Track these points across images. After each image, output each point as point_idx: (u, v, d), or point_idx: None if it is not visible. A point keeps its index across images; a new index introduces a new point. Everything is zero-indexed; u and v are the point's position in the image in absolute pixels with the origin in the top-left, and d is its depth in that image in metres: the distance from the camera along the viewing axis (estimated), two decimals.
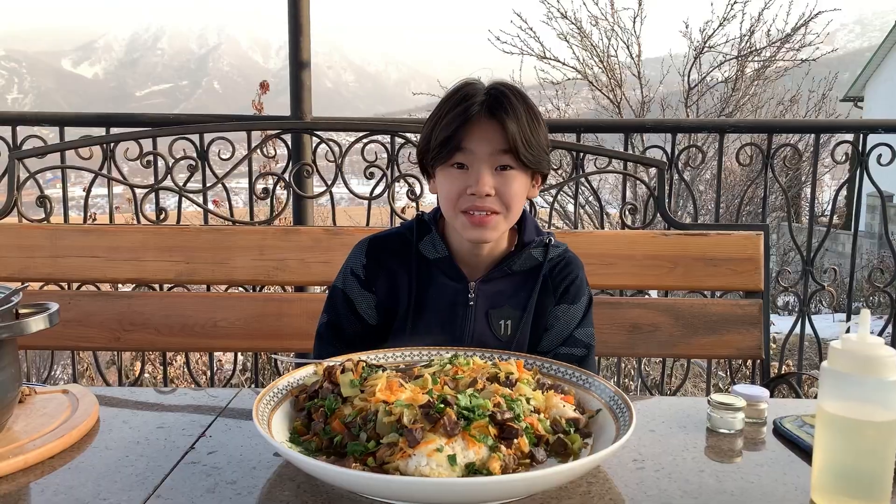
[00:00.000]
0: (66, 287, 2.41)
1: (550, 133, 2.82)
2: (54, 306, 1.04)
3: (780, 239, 9.57)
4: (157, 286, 2.41)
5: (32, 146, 2.54)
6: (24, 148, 2.54)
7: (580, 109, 8.92)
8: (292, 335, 2.18)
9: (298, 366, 1.19)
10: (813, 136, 2.59)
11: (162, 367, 3.92)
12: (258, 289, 2.41)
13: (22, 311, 1.06)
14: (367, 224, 2.64)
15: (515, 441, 0.95)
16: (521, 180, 1.38)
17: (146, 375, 3.68)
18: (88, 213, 2.62)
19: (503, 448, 0.94)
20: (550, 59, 8.21)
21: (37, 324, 1.00)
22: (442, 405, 0.95)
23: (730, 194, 7.68)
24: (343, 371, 1.08)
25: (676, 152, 2.46)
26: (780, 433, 1.12)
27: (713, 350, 2.16)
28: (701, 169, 6.87)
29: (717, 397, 1.14)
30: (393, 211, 2.50)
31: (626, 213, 2.29)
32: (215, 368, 2.90)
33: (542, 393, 1.09)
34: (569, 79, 8.39)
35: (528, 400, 1.05)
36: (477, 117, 1.34)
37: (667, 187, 2.18)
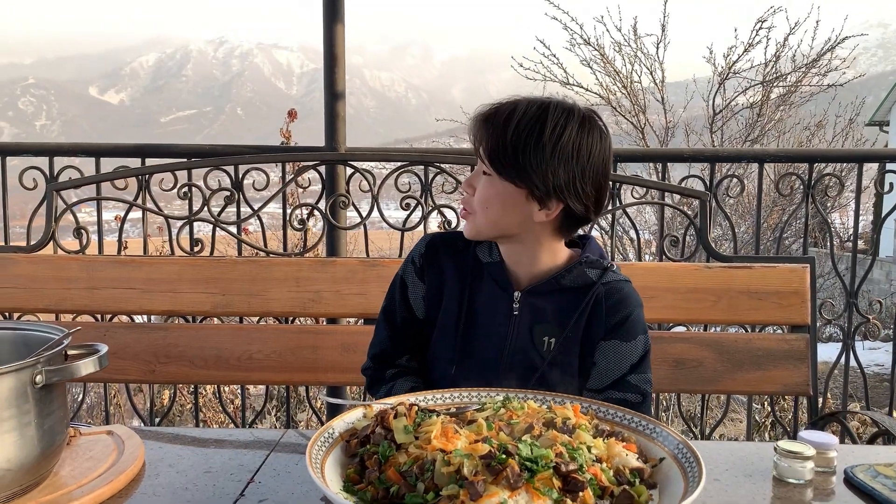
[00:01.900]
0: (100, 318, 2.40)
1: None
2: (103, 348, 1.02)
3: (819, 268, 9.43)
4: (191, 318, 2.39)
5: (69, 176, 2.56)
6: (60, 178, 2.56)
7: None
8: (327, 368, 2.15)
9: (330, 404, 1.16)
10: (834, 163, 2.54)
11: (192, 396, 3.92)
12: (290, 320, 2.38)
13: (71, 352, 1.04)
14: (400, 255, 2.62)
15: (580, 494, 0.91)
16: (492, 189, 1.37)
17: (176, 404, 3.67)
18: (112, 236, 2.61)
19: (568, 501, 0.90)
20: (573, 85, 8.22)
21: (86, 367, 0.98)
22: (504, 455, 0.91)
23: (755, 221, 7.58)
24: (396, 416, 1.05)
25: (714, 182, 2.43)
26: (853, 484, 1.07)
27: (759, 386, 2.10)
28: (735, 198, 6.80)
29: (784, 445, 1.09)
30: None
31: (669, 244, 2.25)
32: (245, 396, 2.87)
33: (603, 440, 1.04)
34: (592, 105, 8.38)
35: (589, 448, 1.01)
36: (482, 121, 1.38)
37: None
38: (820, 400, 2.82)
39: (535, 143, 1.32)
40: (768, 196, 6.62)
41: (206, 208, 2.38)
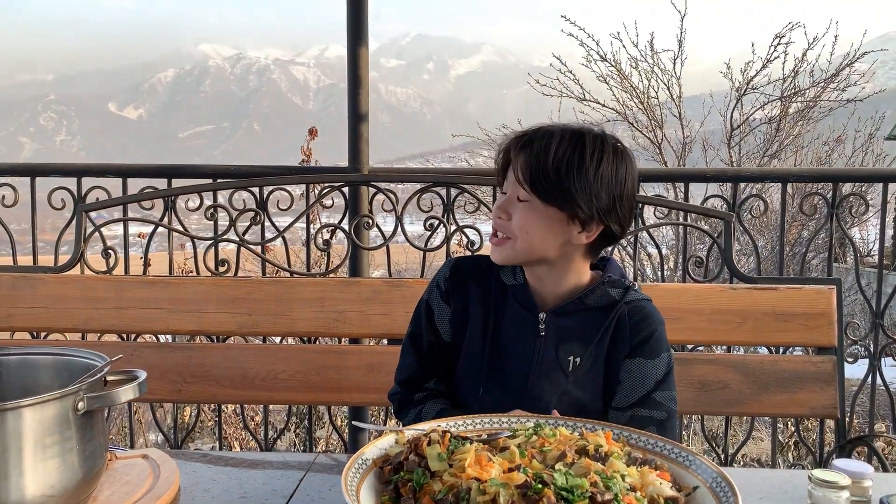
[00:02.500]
0: (126, 338, 2.42)
1: None
2: (142, 374, 1.04)
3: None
4: (216, 337, 2.41)
5: (96, 196, 2.60)
6: (87, 198, 2.60)
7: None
8: (351, 388, 2.16)
9: (352, 424, 1.16)
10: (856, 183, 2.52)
11: (214, 413, 3.93)
12: (313, 340, 2.39)
13: (109, 377, 1.06)
14: (422, 275, 2.63)
15: None
16: (532, 213, 1.38)
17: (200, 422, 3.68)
18: (133, 250, 2.63)
19: None
20: (590, 101, 8.22)
21: (126, 394, 1.00)
22: (540, 485, 0.92)
23: (776, 240, 7.53)
24: (429, 443, 1.06)
25: (737, 201, 2.42)
26: None
27: (785, 408, 2.09)
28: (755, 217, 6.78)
29: (819, 474, 1.09)
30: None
31: (693, 265, 2.25)
32: (267, 413, 2.88)
33: (636, 468, 1.05)
34: (608, 120, 8.39)
35: (623, 477, 1.01)
36: (521, 146, 1.39)
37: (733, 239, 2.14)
38: (849, 421, 2.80)
39: (577, 167, 1.35)
40: (788, 212, 6.59)
41: (232, 229, 2.40)
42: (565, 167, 1.35)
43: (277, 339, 2.55)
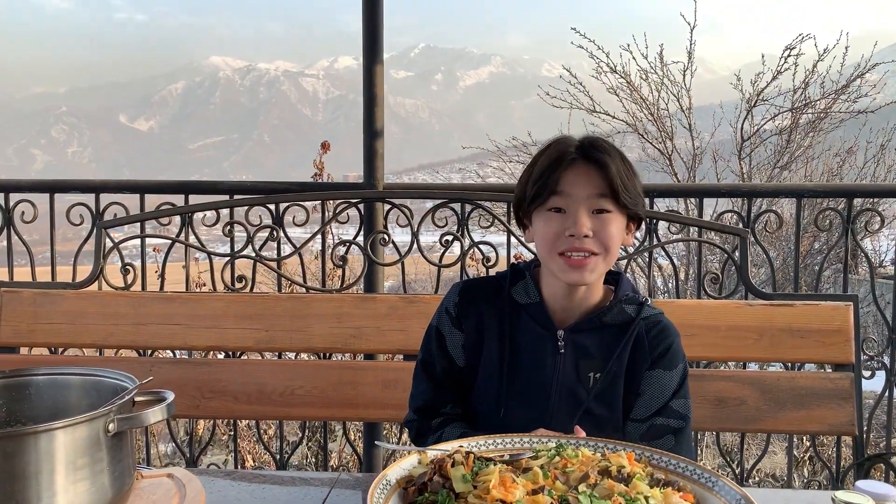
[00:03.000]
0: (143, 353, 2.44)
1: None
2: (169, 395, 1.05)
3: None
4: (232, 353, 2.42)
5: (114, 213, 2.62)
6: (105, 214, 2.63)
7: (629, 157, 8.90)
8: (367, 404, 2.17)
9: (367, 440, 1.17)
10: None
11: (228, 427, 3.95)
12: (327, 356, 2.40)
13: (137, 398, 1.07)
14: (437, 290, 2.64)
15: None
16: (618, 223, 1.41)
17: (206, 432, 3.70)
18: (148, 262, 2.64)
19: None
20: (600, 112, 8.23)
21: (155, 415, 1.01)
22: None
23: (786, 251, 7.50)
24: (453, 464, 1.07)
25: (752, 216, 2.42)
26: None
27: (802, 425, 2.08)
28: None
29: (842, 496, 1.09)
30: (465, 275, 2.50)
31: (709, 282, 2.25)
32: (283, 427, 2.89)
33: (659, 490, 1.05)
34: (619, 132, 8.41)
35: (647, 499, 1.01)
36: (572, 159, 1.40)
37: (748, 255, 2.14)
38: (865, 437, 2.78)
39: (633, 169, 1.43)
40: (809, 231, 6.57)
41: (249, 245, 2.42)
42: (632, 173, 1.42)
43: (292, 355, 2.57)
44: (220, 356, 2.44)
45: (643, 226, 2.42)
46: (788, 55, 7.83)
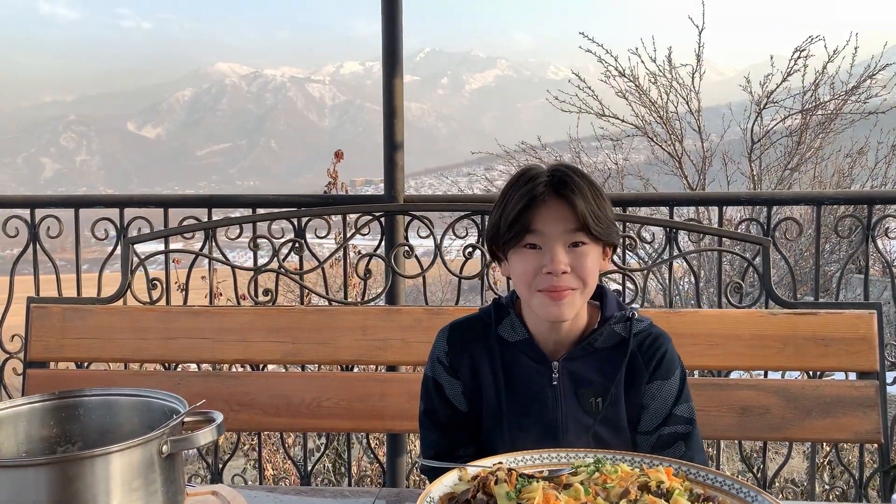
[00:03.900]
0: (168, 366, 2.46)
1: (641, 207, 2.84)
2: (218, 416, 1.08)
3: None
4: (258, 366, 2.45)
5: (138, 227, 2.66)
6: (130, 228, 2.66)
7: (638, 161, 8.91)
8: (394, 416, 2.19)
9: (389, 451, 1.19)
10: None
11: (250, 437, 3.97)
12: (349, 368, 2.42)
13: (186, 419, 1.10)
14: (457, 302, 2.66)
15: None
16: (594, 254, 1.42)
17: (227, 442, 3.73)
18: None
19: None
20: (609, 116, 8.24)
21: (205, 436, 1.04)
22: None
23: (799, 257, 7.49)
24: (497, 482, 1.09)
25: (771, 224, 2.43)
26: None
27: (827, 434, 2.09)
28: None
29: None
30: (491, 289, 2.52)
31: (731, 291, 2.26)
32: (307, 438, 2.91)
33: None
34: (628, 135, 8.41)
35: None
36: (544, 198, 1.39)
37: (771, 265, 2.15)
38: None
39: (603, 197, 1.43)
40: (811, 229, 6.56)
41: (275, 259, 2.44)
42: (602, 202, 1.42)
43: (315, 368, 2.59)
44: (245, 369, 2.48)
45: (664, 235, 2.46)
46: (798, 56, 7.83)
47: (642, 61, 8.27)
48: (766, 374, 2.43)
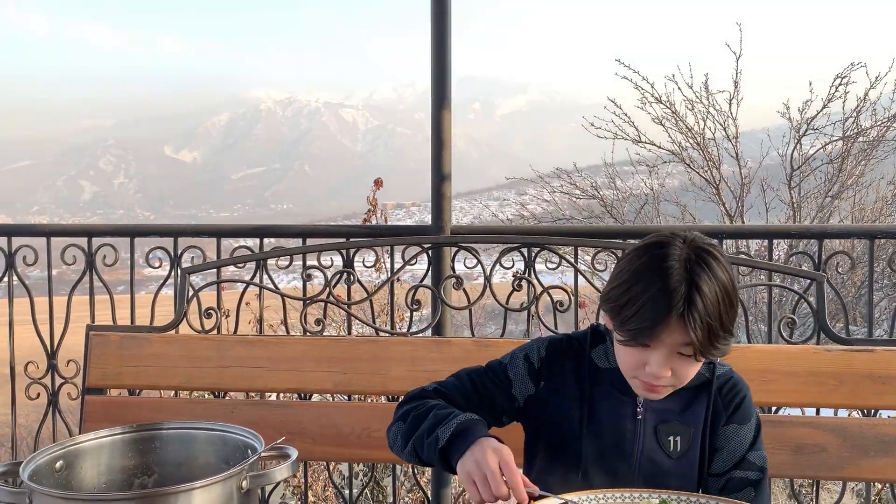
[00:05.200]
0: (217, 394, 2.50)
1: None
2: (293, 452, 1.10)
3: None
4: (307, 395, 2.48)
5: (191, 255, 2.73)
6: (183, 257, 2.74)
7: (672, 186, 8.85)
8: None
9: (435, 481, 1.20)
10: None
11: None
12: (396, 398, 2.43)
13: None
14: (503, 334, 2.67)
15: None
16: (699, 363, 1.40)
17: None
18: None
19: None
20: (646, 142, 8.22)
21: (282, 472, 1.06)
22: None
23: (841, 287, 7.35)
24: None
25: (823, 257, 2.41)
26: None
27: (885, 474, 2.06)
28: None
29: None
30: (541, 321, 2.53)
31: (783, 326, 2.24)
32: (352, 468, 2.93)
33: None
34: (665, 161, 8.37)
35: None
36: (668, 320, 1.31)
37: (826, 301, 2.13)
38: None
39: (732, 308, 1.35)
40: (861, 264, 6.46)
41: (326, 290, 2.48)
42: (730, 318, 1.35)
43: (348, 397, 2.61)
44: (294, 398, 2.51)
45: None
46: (839, 84, 7.75)
47: (678, 88, 8.26)
48: (817, 412, 2.40)
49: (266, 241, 2.75)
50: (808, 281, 2.23)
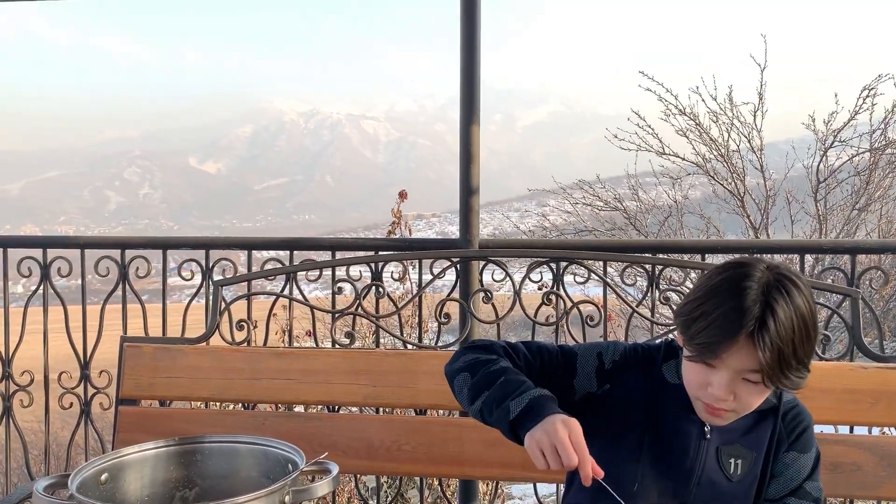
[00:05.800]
0: (247, 406, 2.52)
1: (718, 253, 2.75)
2: (334, 468, 1.11)
3: None
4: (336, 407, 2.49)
5: (223, 268, 2.76)
6: (214, 269, 2.77)
7: (695, 197, 8.79)
8: (473, 462, 2.19)
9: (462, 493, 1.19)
10: None
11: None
12: (423, 412, 2.43)
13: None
14: None
15: None
16: (765, 392, 1.36)
17: None
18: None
19: None
20: (669, 154, 8.17)
21: (323, 488, 1.08)
22: None
23: (873, 304, 7.24)
24: None
25: (856, 273, 2.38)
26: None
27: None
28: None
29: None
30: (570, 335, 2.52)
31: (818, 343, 2.21)
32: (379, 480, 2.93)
33: None
34: (689, 173, 8.32)
35: None
36: (738, 339, 1.28)
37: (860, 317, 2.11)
38: None
39: (810, 342, 1.33)
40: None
41: (357, 303, 2.49)
42: (805, 351, 1.32)
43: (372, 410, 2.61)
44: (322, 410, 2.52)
45: None
46: (867, 96, 7.67)
47: (702, 100, 8.22)
48: (851, 430, 2.36)
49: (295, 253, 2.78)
50: (839, 296, 2.21)
